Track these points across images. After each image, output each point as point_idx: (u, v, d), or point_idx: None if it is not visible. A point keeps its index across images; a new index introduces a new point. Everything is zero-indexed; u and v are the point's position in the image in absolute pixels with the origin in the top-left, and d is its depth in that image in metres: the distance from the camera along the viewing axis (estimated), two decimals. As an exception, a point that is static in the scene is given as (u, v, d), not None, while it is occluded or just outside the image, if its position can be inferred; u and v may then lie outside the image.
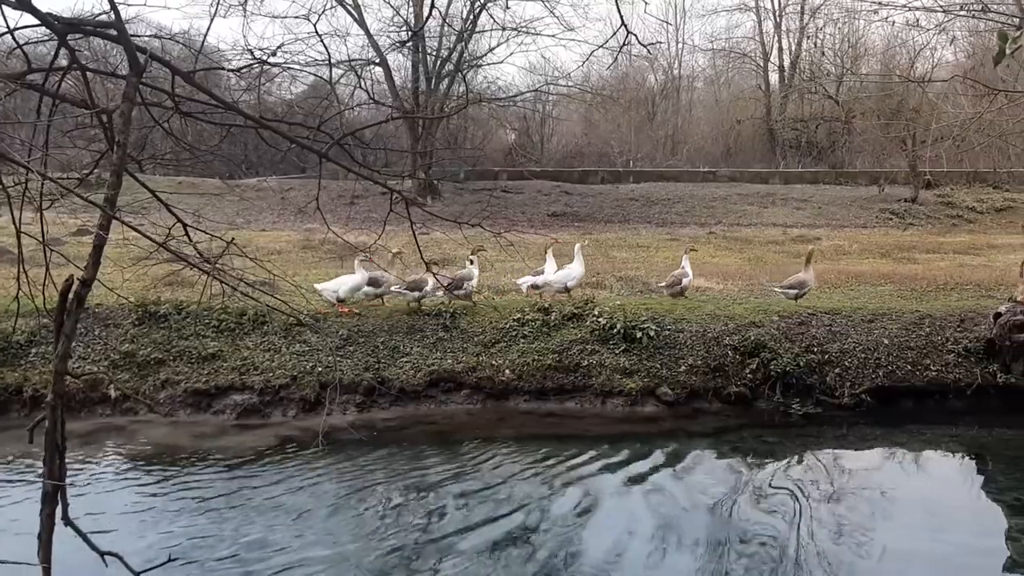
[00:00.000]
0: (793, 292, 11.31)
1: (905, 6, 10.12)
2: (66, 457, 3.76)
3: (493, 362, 10.13)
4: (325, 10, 24.89)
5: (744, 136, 39.16)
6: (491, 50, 32.01)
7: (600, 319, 10.52)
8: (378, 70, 30.59)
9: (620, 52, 5.77)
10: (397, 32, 29.94)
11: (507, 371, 10.05)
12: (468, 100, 25.77)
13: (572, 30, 43.53)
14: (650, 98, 42.15)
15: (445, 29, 29.78)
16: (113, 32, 3.62)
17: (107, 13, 3.58)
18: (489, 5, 28.94)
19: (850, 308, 11.11)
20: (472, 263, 11.34)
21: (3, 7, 3.50)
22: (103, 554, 3.66)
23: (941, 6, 10.28)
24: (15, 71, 3.90)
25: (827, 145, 37.23)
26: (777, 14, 41.49)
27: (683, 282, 11.79)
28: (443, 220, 4.32)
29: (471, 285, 11.25)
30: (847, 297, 12.30)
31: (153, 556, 5.71)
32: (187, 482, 7.65)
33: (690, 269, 11.95)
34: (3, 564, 3.81)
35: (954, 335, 10.40)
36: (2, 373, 9.58)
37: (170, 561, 4.08)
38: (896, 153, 31.04)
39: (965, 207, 28.36)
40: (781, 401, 9.92)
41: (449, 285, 11.20)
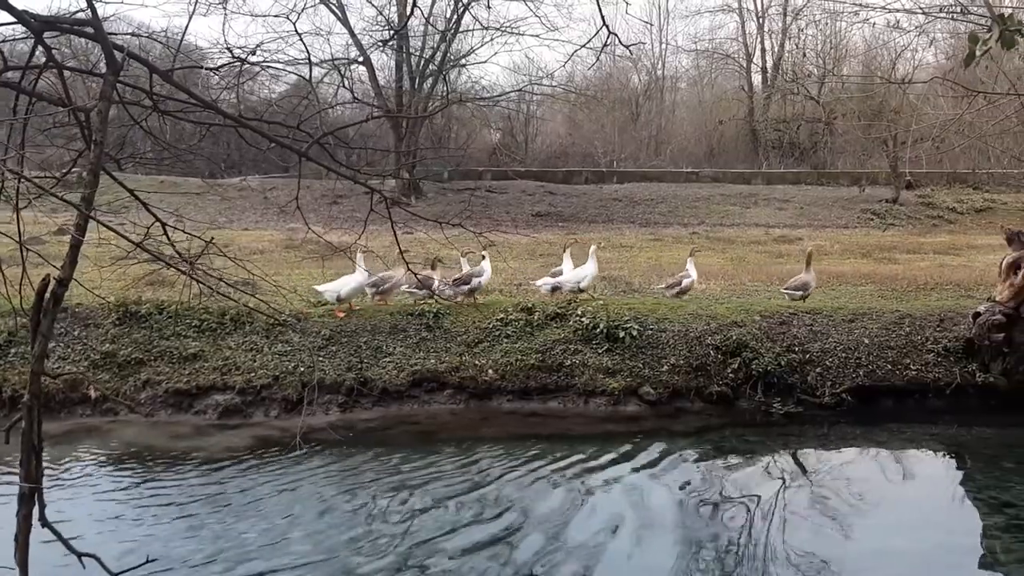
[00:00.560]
0: (798, 293, 11.49)
1: (885, 8, 10.18)
2: (44, 458, 3.72)
3: (476, 362, 10.12)
4: (305, 8, 24.76)
5: (727, 137, 39.35)
6: (472, 51, 31.99)
7: (583, 319, 10.54)
8: (362, 69, 30.55)
9: (602, 52, 5.78)
10: (381, 31, 29.91)
11: (490, 371, 10.05)
12: (449, 100, 25.74)
13: (556, 30, 43.68)
14: (634, 98, 42.26)
15: (429, 29, 29.75)
16: (90, 30, 3.60)
17: (84, 11, 3.55)
18: (473, 5, 28.94)
19: (831, 308, 11.18)
20: (484, 258, 11.48)
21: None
22: (80, 555, 3.64)
23: (921, 8, 10.38)
24: (-9, 69, 3.86)
25: (809, 146, 37.47)
26: (760, 15, 41.74)
27: (684, 283, 11.83)
28: (424, 219, 4.32)
29: (480, 282, 11.34)
30: (828, 297, 12.38)
31: (131, 557, 5.68)
32: (166, 483, 7.61)
33: (694, 271, 11.99)
34: (-21, 566, 3.78)
35: (934, 335, 10.49)
36: (-20, 374, 9.50)
37: (148, 562, 4.05)
38: (877, 154, 31.27)
39: (945, 208, 28.60)
40: (762, 400, 9.97)
41: (457, 280, 11.30)
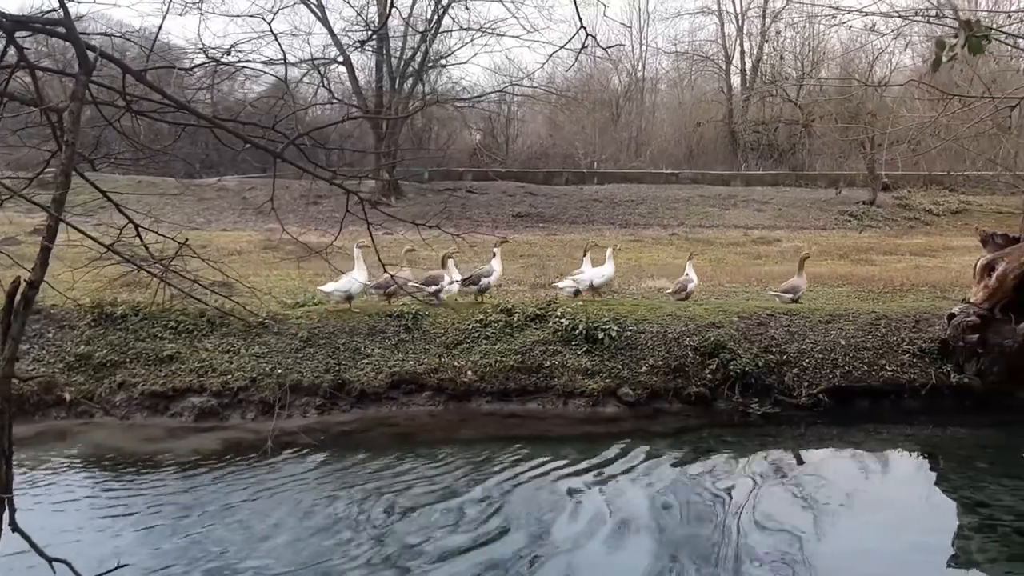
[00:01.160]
0: (788, 296, 11.60)
1: (860, 11, 10.26)
2: (17, 461, 3.68)
3: (455, 363, 10.11)
4: (281, 8, 24.62)
5: (706, 138, 39.50)
6: (451, 52, 31.93)
7: (563, 320, 10.55)
8: (343, 69, 30.43)
9: (580, 54, 5.79)
10: (361, 31, 29.80)
11: (469, 372, 10.04)
12: (426, 102, 25.65)
13: (536, 31, 43.70)
14: (614, 100, 42.33)
15: (409, 29, 29.69)
16: (62, 29, 3.56)
17: (56, 11, 3.51)
18: (453, 6, 28.91)
19: (808, 309, 11.26)
20: (495, 256, 11.58)
21: (-53, 3, 3.42)
22: (51, 561, 3.60)
23: (897, 12, 10.45)
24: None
25: (787, 148, 37.68)
26: (739, 18, 41.95)
27: (688, 287, 11.87)
28: (399, 220, 4.30)
29: (488, 281, 11.41)
30: (805, 298, 12.43)
31: (103, 562, 5.62)
32: (140, 486, 7.55)
33: (694, 274, 12.02)
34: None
35: (909, 336, 10.58)
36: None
37: (119, 567, 4.00)
38: (854, 156, 31.52)
39: (922, 209, 28.85)
40: (740, 401, 10.02)
41: (466, 280, 11.41)
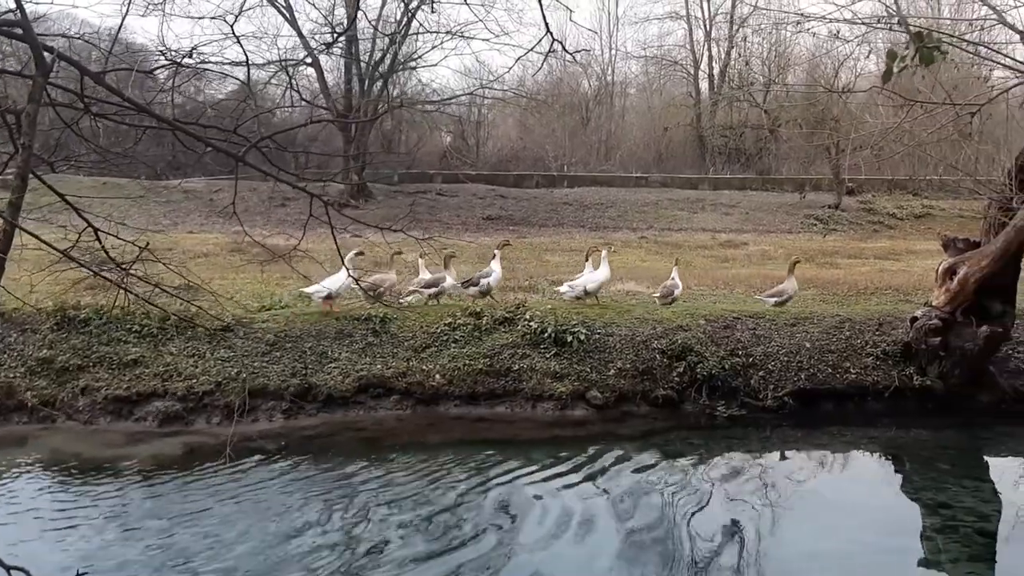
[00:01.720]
0: (772, 300, 11.70)
1: (825, 18, 10.36)
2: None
3: (423, 367, 10.07)
4: (244, 10, 24.34)
5: (675, 142, 39.77)
6: (420, 55, 31.84)
7: (531, 323, 10.55)
8: (312, 71, 30.23)
9: (546, 58, 5.79)
10: (330, 33, 29.64)
11: (437, 376, 10.01)
12: (391, 105, 25.52)
13: (506, 34, 43.75)
14: (584, 104, 42.49)
15: (378, 31, 29.57)
16: (19, 31, 3.50)
17: (12, 12, 3.45)
18: (422, 8, 28.83)
19: (773, 312, 11.36)
20: (495, 258, 11.65)
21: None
22: (9, 569, 3.54)
23: (861, 19, 10.56)
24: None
25: (755, 152, 38.03)
26: (707, 23, 42.27)
27: (674, 292, 11.89)
28: (363, 224, 4.28)
29: (488, 282, 11.46)
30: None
31: (64, 570, 5.54)
32: (102, 492, 7.44)
33: (679, 280, 12.06)
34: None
35: (873, 339, 10.71)
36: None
37: (80, 575, 3.95)
38: (820, 160, 31.87)
39: (886, 213, 29.28)
40: (707, 404, 10.08)
41: (466, 282, 11.53)
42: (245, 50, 4.38)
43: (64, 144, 5.19)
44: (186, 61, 4.25)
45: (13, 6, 3.52)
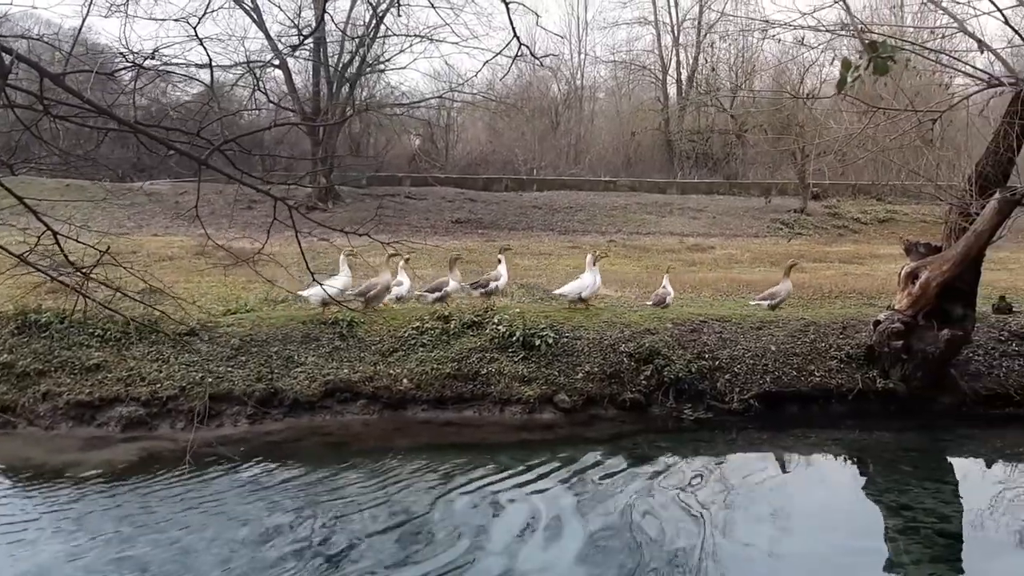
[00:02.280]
0: (766, 303, 11.83)
1: (790, 24, 10.46)
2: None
3: (391, 371, 10.03)
4: (208, 12, 24.13)
5: (644, 146, 39.99)
6: (387, 58, 31.73)
7: (500, 327, 10.55)
8: (280, 74, 29.99)
9: (514, 62, 5.83)
10: (298, 35, 29.43)
11: (405, 380, 9.97)
12: (356, 109, 25.40)
13: (476, 38, 43.74)
14: (553, 107, 42.60)
15: (347, 33, 29.42)
16: (-26, 30, 3.44)
17: (-32, 10, 3.39)
18: (391, 11, 28.75)
19: (740, 316, 11.45)
20: (500, 262, 11.67)
21: None
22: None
23: (825, 26, 10.67)
24: None
25: (722, 157, 38.36)
26: (675, 29, 42.60)
27: (666, 299, 11.95)
28: (329, 228, 4.25)
29: (497, 285, 11.52)
30: (738, 305, 12.67)
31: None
32: (63, 500, 7.31)
33: (670, 286, 12.12)
34: None
35: (837, 342, 10.84)
36: None
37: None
38: (786, 165, 32.22)
39: (850, 218, 29.66)
40: (674, 407, 10.14)
41: (475, 284, 11.61)
42: (208, 52, 4.34)
43: (24, 146, 5.10)
44: (148, 63, 4.20)
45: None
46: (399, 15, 28.35)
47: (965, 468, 9.21)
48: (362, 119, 33.57)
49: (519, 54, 5.19)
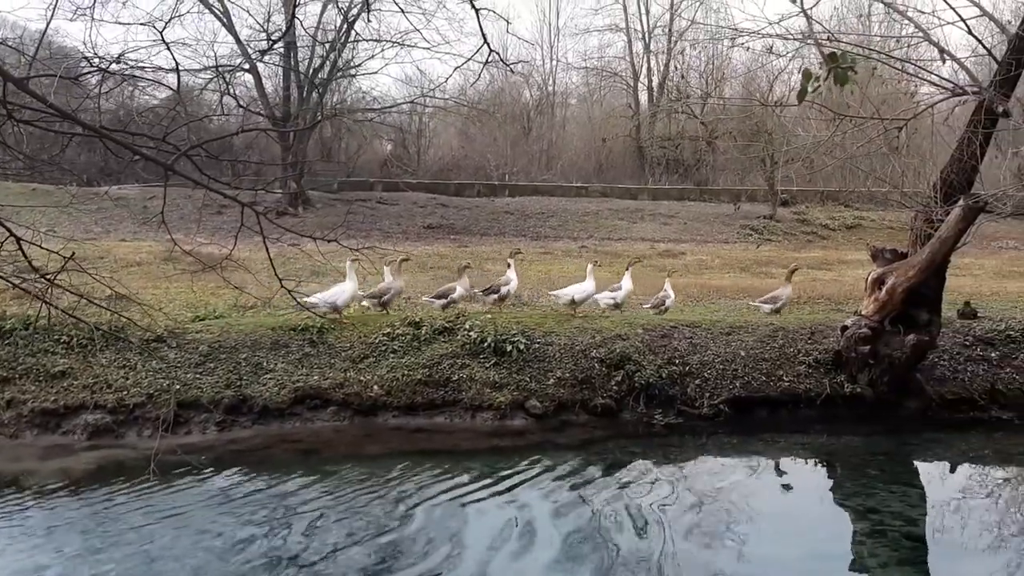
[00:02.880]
0: (768, 307, 12.01)
1: (758, 32, 10.57)
2: None
3: (361, 378, 9.98)
4: (173, 17, 23.88)
5: (615, 153, 40.21)
6: (358, 63, 31.62)
7: (471, 333, 10.54)
8: (250, 78, 29.79)
9: (484, 68, 5.85)
10: (267, 39, 29.28)
11: (376, 387, 9.92)
12: (325, 115, 25.27)
13: (447, 43, 43.76)
14: (525, 113, 42.73)
15: (318, 38, 29.31)
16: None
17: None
18: (362, 16, 28.70)
19: (710, 321, 11.53)
20: (509, 267, 11.82)
21: None
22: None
23: (793, 35, 10.80)
24: None
25: (692, 163, 38.67)
26: (646, 36, 42.90)
27: (666, 303, 12.02)
28: (296, 233, 4.23)
29: (508, 290, 11.69)
30: (708, 310, 12.77)
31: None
32: (27, 510, 7.19)
33: (672, 291, 12.20)
34: None
35: (805, 347, 10.93)
36: None
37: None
38: (756, 172, 32.55)
39: (819, 224, 30.04)
40: (645, 412, 10.17)
41: (487, 290, 11.79)
42: (175, 56, 4.30)
43: (-11, 150, 5.02)
44: (114, 67, 4.15)
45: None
46: (369, 20, 28.31)
47: (931, 471, 9.33)
48: (333, 124, 33.45)
49: (490, 60, 5.19)
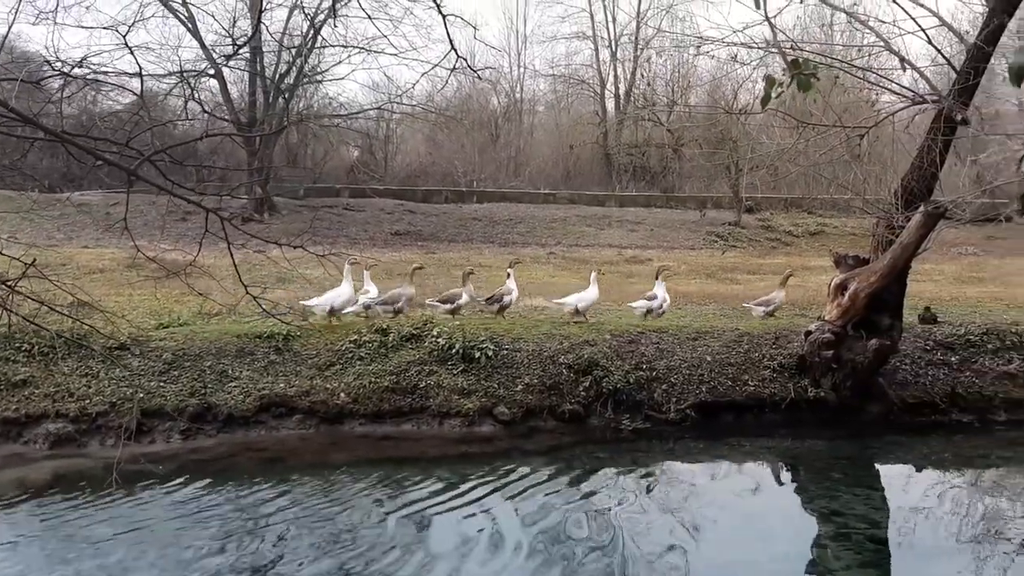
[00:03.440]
0: (761, 309, 12.15)
1: (722, 41, 10.70)
2: None
3: (328, 385, 9.91)
4: (136, 22, 23.62)
5: (583, 159, 40.35)
6: (325, 69, 31.47)
7: (439, 339, 10.51)
8: (216, 83, 29.50)
9: (451, 74, 5.87)
10: (233, 44, 29.03)
11: (342, 394, 9.86)
12: (290, 120, 25.11)
13: (415, 49, 43.70)
14: (493, 120, 42.74)
15: (284, 43, 29.13)
16: None
17: None
18: (329, 21, 28.55)
19: (676, 327, 11.60)
20: (509, 276, 11.83)
21: None
22: None
23: (757, 44, 10.94)
24: None
25: (659, 170, 38.94)
26: (613, 43, 43.16)
27: (663, 306, 12.11)
28: (261, 240, 4.20)
29: (510, 299, 11.74)
30: (674, 316, 12.83)
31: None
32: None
33: (665, 292, 12.23)
34: None
35: (770, 352, 11.04)
36: None
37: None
38: (721, 179, 32.86)
39: (783, 231, 30.38)
40: (612, 417, 10.20)
41: (490, 299, 11.86)
42: (139, 61, 4.25)
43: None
44: (77, 71, 4.10)
45: None
46: (336, 26, 28.18)
47: (893, 475, 9.46)
48: (299, 130, 33.22)
49: (457, 66, 5.20)
